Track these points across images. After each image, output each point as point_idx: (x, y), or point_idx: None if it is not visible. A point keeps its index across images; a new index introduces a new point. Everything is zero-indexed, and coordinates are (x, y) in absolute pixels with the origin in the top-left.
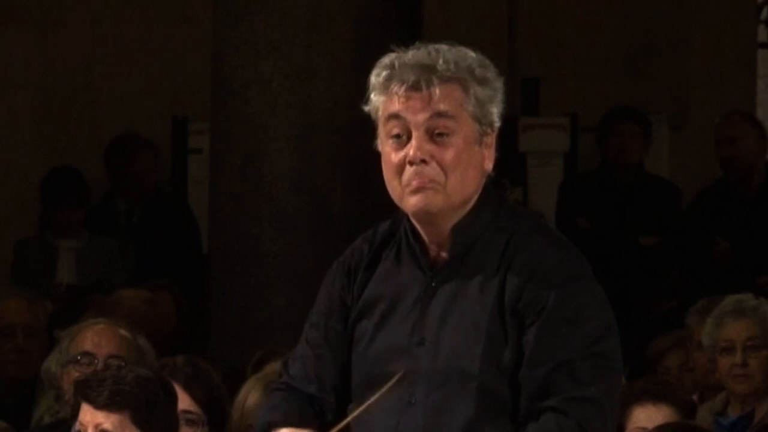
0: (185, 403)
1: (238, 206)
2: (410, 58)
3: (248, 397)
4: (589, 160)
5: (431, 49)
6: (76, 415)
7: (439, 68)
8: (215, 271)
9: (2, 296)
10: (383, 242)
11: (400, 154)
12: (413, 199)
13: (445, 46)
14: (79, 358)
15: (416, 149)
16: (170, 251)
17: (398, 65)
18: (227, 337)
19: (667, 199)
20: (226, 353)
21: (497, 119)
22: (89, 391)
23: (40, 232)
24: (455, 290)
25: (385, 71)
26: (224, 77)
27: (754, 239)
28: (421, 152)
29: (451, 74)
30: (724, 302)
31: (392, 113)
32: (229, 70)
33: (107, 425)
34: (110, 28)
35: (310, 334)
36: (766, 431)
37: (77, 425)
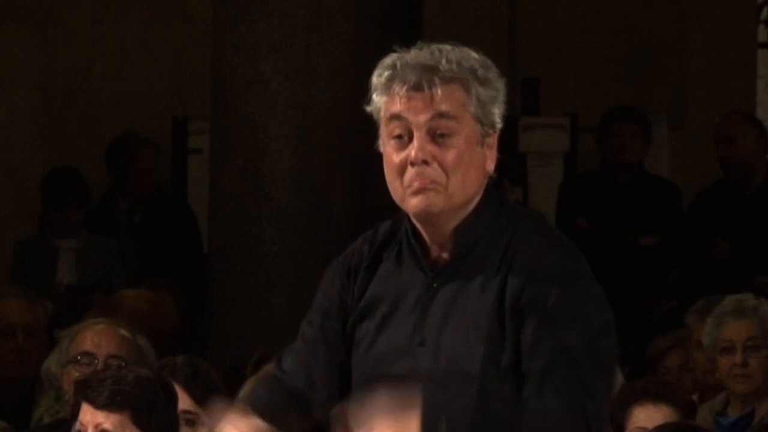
0: (185, 403)
1: (238, 206)
2: (412, 58)
3: None
4: (589, 160)
5: (434, 48)
6: (76, 415)
7: (441, 68)
8: (215, 271)
9: (2, 296)
10: (384, 242)
11: (401, 154)
12: (415, 200)
13: (448, 46)
14: (79, 358)
15: (418, 150)
16: (171, 251)
17: (400, 65)
18: (227, 337)
19: (667, 199)
20: (226, 353)
21: (499, 120)
22: (89, 391)
23: (40, 232)
24: (456, 291)
25: (387, 71)
26: (224, 77)
27: (753, 239)
28: (422, 153)
29: (453, 75)
30: (724, 302)
31: (394, 114)
32: (229, 70)
33: (107, 425)
34: (110, 28)
35: (306, 330)
36: (766, 431)
37: (77, 425)
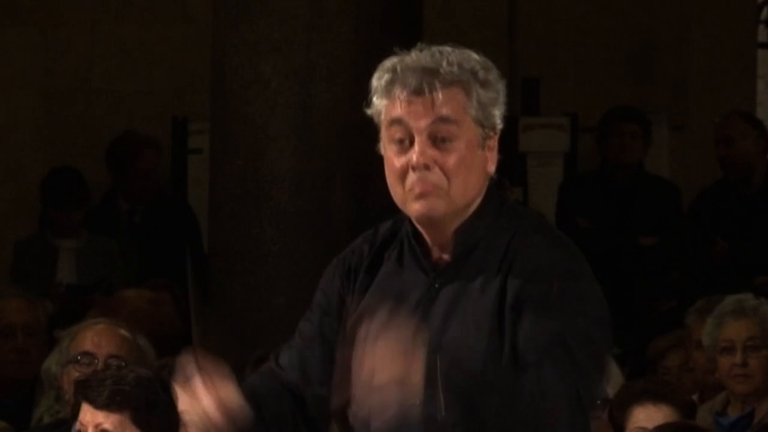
0: None
1: (238, 206)
2: (413, 60)
3: None
4: (589, 160)
5: (435, 51)
6: (76, 415)
7: (441, 71)
8: (215, 271)
9: (2, 296)
10: (384, 242)
11: (402, 159)
12: (416, 204)
13: (448, 48)
14: (79, 358)
15: (419, 155)
16: (172, 251)
17: (400, 69)
18: (227, 337)
19: (667, 199)
20: (226, 353)
21: (499, 121)
22: (89, 391)
23: (40, 232)
24: (457, 291)
25: (387, 74)
26: (224, 77)
27: (753, 239)
28: (423, 158)
29: (453, 78)
30: (724, 302)
31: (395, 118)
32: (229, 70)
33: (107, 425)
34: (110, 28)
35: (304, 327)
36: (766, 431)
37: (77, 425)
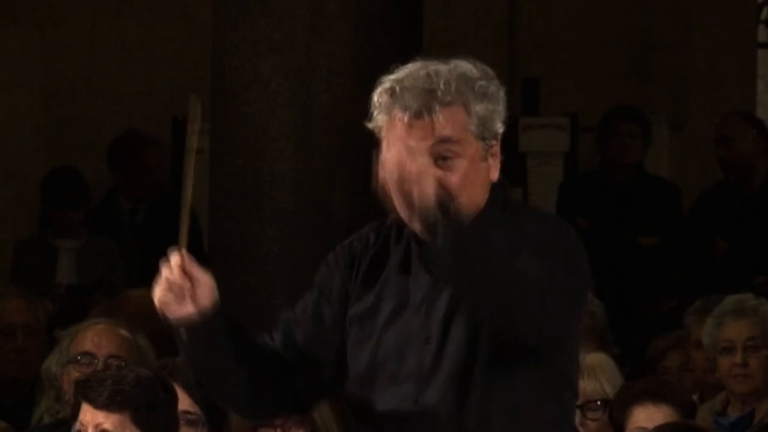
0: (185, 403)
1: (238, 206)
2: (411, 82)
3: None
4: (589, 160)
5: (431, 70)
6: (76, 415)
7: (439, 93)
8: (215, 271)
9: (2, 296)
10: (390, 235)
11: None
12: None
13: (443, 66)
14: (79, 358)
15: None
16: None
17: (399, 90)
18: None
19: (667, 199)
20: None
21: (501, 128)
22: (89, 391)
23: (40, 232)
24: None
25: (385, 95)
26: (224, 77)
27: (753, 239)
28: None
29: (451, 98)
30: (724, 302)
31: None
32: (229, 70)
33: (107, 425)
34: (110, 28)
35: (299, 305)
36: (766, 431)
37: (77, 425)
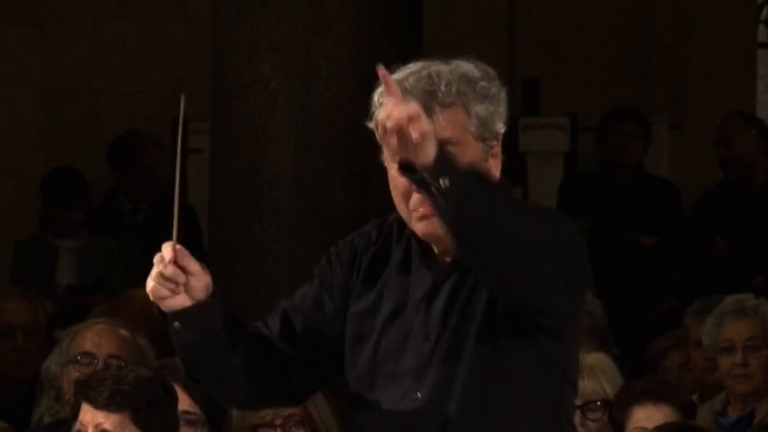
0: (185, 403)
1: (238, 206)
2: (411, 84)
3: None
4: (589, 160)
5: (432, 71)
6: (76, 415)
7: (440, 95)
8: (215, 271)
9: (2, 296)
10: (391, 232)
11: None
12: (421, 224)
13: (444, 66)
14: (79, 358)
15: None
16: None
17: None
18: None
19: (667, 199)
20: None
21: (502, 128)
22: (89, 391)
23: (40, 232)
24: (459, 288)
25: (386, 95)
26: (224, 77)
27: (753, 239)
28: None
29: (452, 99)
30: (724, 302)
31: None
32: (229, 70)
33: (107, 425)
34: (110, 28)
35: (297, 294)
36: (766, 431)
37: (77, 425)
